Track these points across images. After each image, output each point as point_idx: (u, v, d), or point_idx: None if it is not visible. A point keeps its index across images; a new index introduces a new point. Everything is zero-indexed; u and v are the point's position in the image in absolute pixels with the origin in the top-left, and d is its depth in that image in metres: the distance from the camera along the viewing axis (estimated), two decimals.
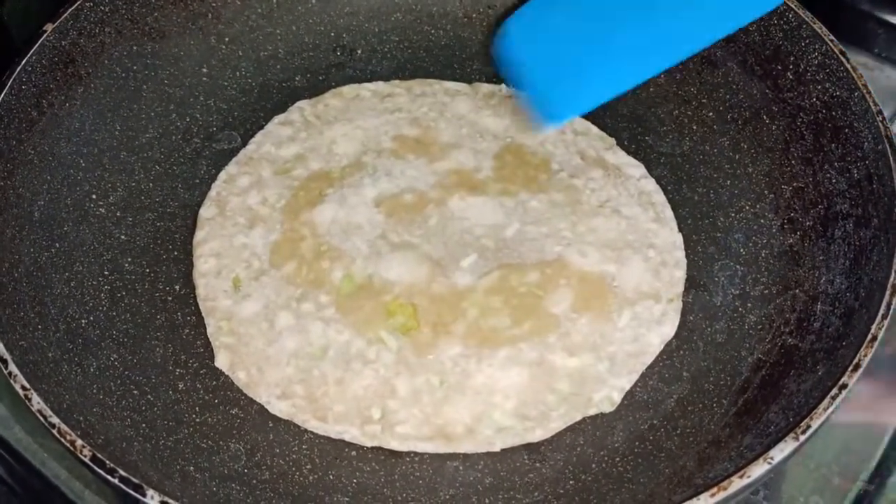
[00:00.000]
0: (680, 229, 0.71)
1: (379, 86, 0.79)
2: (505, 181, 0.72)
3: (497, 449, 0.61)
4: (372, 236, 0.69)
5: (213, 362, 0.65)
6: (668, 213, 0.71)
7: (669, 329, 0.65)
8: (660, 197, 0.72)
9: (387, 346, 0.64)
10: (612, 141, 0.75)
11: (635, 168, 0.74)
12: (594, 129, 0.76)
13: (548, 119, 0.64)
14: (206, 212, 0.72)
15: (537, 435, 0.61)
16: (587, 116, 0.77)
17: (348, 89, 0.79)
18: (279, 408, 0.63)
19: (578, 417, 0.62)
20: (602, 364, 0.64)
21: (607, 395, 0.63)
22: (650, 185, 0.73)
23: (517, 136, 0.75)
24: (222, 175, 0.73)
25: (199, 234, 0.70)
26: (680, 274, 0.68)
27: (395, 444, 0.61)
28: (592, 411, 0.62)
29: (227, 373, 0.64)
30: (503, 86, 0.79)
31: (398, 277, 0.67)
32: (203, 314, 0.67)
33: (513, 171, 0.73)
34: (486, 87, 0.79)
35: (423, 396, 0.63)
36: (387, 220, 0.70)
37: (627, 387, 0.63)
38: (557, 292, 0.66)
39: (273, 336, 0.65)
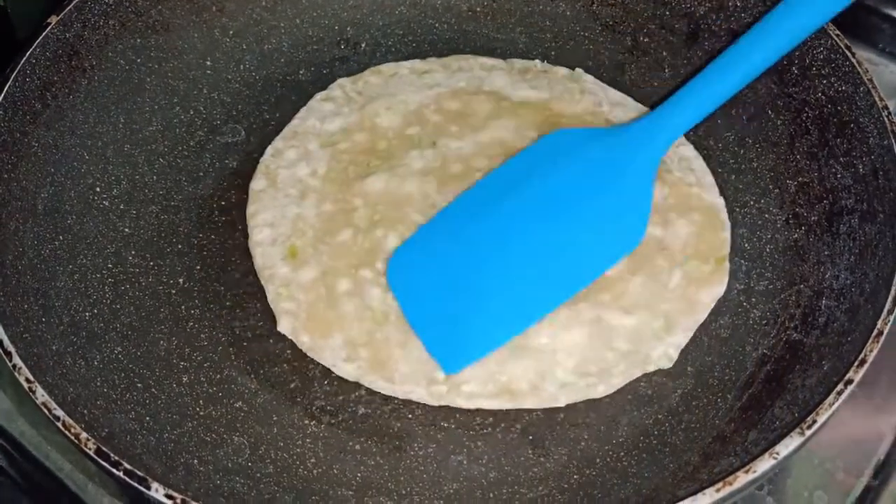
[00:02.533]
0: None
1: (416, 63, 0.79)
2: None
3: (562, 404, 0.62)
4: (424, 205, 0.70)
5: (217, 356, 0.65)
6: (709, 178, 0.72)
7: (719, 288, 0.67)
8: (699, 163, 0.73)
9: None
10: (647, 110, 0.75)
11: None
12: (630, 100, 0.77)
13: (446, 368, 0.64)
14: (256, 184, 0.73)
15: (599, 391, 0.63)
16: (623, 90, 0.77)
17: (386, 67, 0.79)
18: (346, 370, 0.64)
19: (638, 374, 0.64)
20: (657, 322, 0.65)
21: (664, 352, 0.64)
22: (689, 151, 0.73)
23: (555, 108, 0.75)
24: (269, 150, 0.75)
25: (252, 207, 0.72)
26: (725, 235, 0.69)
27: (461, 402, 0.63)
28: (651, 368, 0.64)
29: (290, 337, 0.65)
30: (537, 61, 0.79)
31: None
32: (262, 282, 0.68)
33: (529, 129, 0.74)
34: (520, 63, 0.79)
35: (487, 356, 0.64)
36: (437, 189, 0.71)
37: (683, 343, 0.64)
38: None
39: (333, 301, 0.66)
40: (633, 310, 0.65)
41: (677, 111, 0.69)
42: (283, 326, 0.66)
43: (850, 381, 0.53)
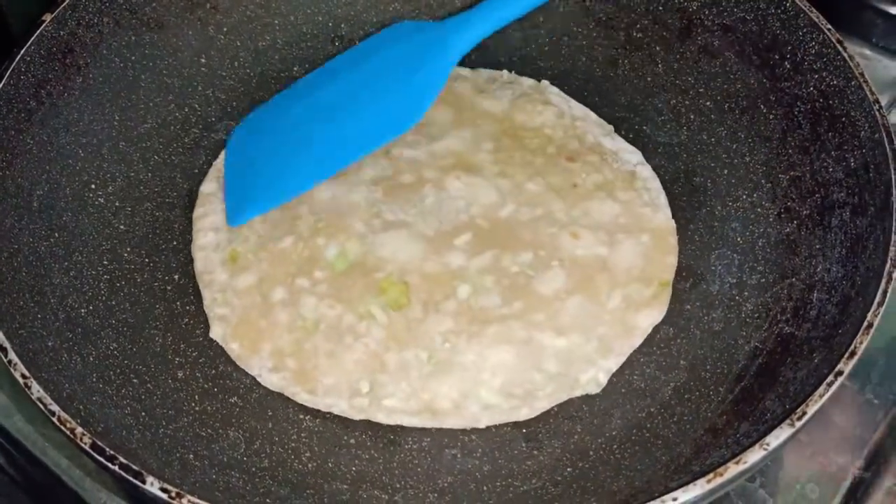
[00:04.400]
0: (676, 218, 0.71)
1: None
2: (502, 163, 0.73)
3: (482, 426, 0.62)
4: (368, 215, 0.70)
5: (212, 351, 0.65)
6: (663, 199, 0.72)
7: (658, 313, 0.66)
8: (655, 183, 0.73)
9: (377, 322, 0.65)
10: (611, 128, 0.76)
11: (632, 154, 0.74)
12: (592, 115, 0.77)
13: (229, 220, 0.70)
14: (206, 187, 0.73)
15: (523, 413, 0.62)
16: (586, 103, 0.77)
17: None
18: (270, 380, 0.64)
19: (565, 397, 0.63)
20: (590, 345, 0.64)
21: (594, 377, 0.63)
22: (646, 171, 0.73)
23: (515, 119, 0.76)
24: (223, 153, 0.75)
25: (199, 210, 0.72)
26: (672, 260, 0.69)
27: (381, 417, 0.62)
28: (579, 392, 0.63)
29: (220, 343, 0.65)
30: (504, 71, 0.79)
31: (392, 255, 0.68)
32: (200, 287, 0.68)
33: (510, 153, 0.73)
34: (486, 73, 0.79)
35: (411, 371, 0.63)
36: (384, 199, 0.71)
37: (614, 368, 0.64)
38: (549, 273, 0.67)
39: (266, 309, 0.66)
40: (567, 331, 0.65)
41: (475, 23, 0.72)
42: (215, 332, 0.66)
43: (840, 373, 0.53)
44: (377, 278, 0.67)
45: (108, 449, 0.51)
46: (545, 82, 0.79)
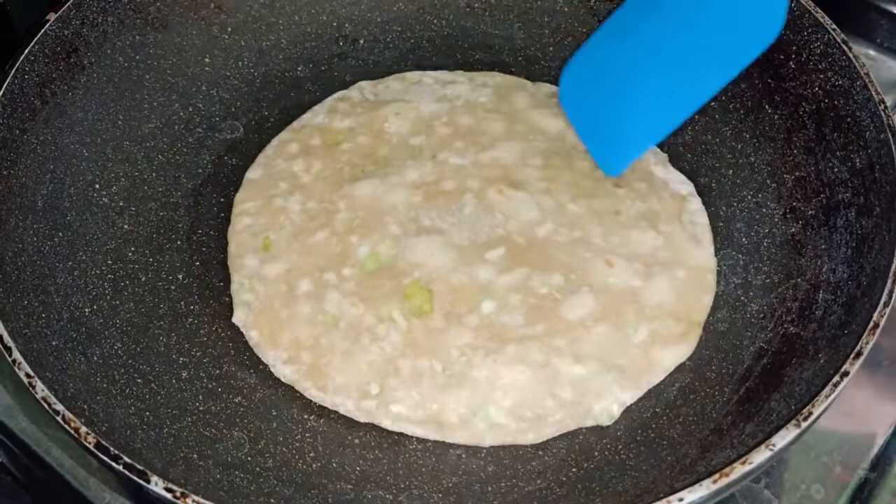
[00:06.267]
0: None
1: (443, 74, 0.79)
2: (548, 181, 0.71)
3: (486, 445, 0.61)
4: (405, 218, 0.69)
5: (217, 351, 0.65)
6: (708, 235, 0.69)
7: (685, 350, 0.64)
8: (702, 218, 0.70)
9: (397, 326, 0.65)
10: (665, 156, 0.74)
11: (683, 185, 0.72)
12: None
13: (607, 170, 0.68)
14: (252, 173, 0.73)
15: (528, 438, 0.61)
16: None
17: (412, 74, 0.79)
18: (283, 372, 0.64)
19: (573, 427, 0.61)
20: (609, 375, 0.63)
21: (607, 408, 0.62)
22: (695, 204, 0.71)
23: (569, 139, 0.74)
24: (275, 140, 0.75)
25: (241, 194, 0.72)
26: (707, 299, 0.66)
27: (387, 423, 0.62)
28: (590, 422, 0.62)
29: (241, 329, 0.66)
30: None
31: (422, 261, 0.67)
32: (230, 270, 0.68)
33: (558, 172, 0.72)
34: (546, 87, 0.78)
35: (423, 380, 0.63)
36: (423, 204, 0.70)
37: (629, 402, 0.62)
38: (577, 298, 0.65)
39: (290, 300, 0.66)
40: (586, 359, 0.63)
41: None
42: (238, 318, 0.66)
43: (846, 374, 0.53)
44: (404, 283, 0.66)
45: (112, 448, 0.51)
46: None
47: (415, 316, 0.65)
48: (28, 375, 0.53)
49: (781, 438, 0.51)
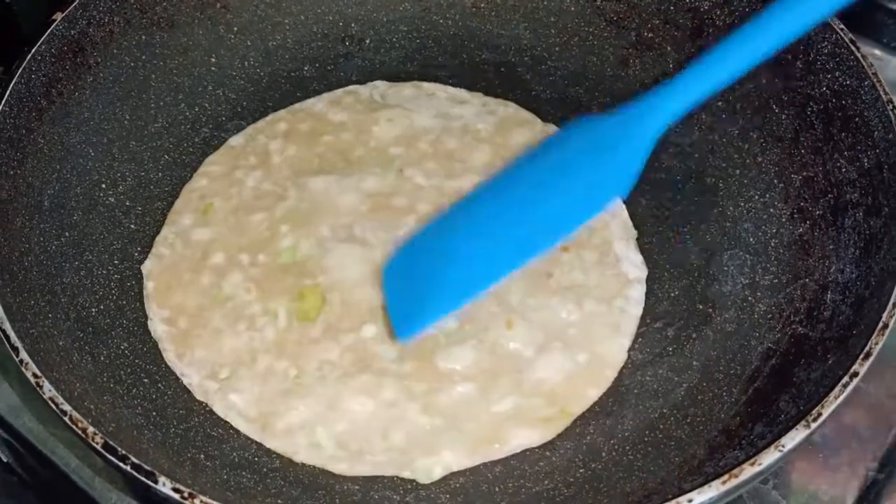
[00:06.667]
0: (689, 219, 0.71)
1: (460, 92, 0.78)
2: None
3: (297, 460, 0.60)
4: (340, 222, 0.69)
5: None
6: (632, 328, 0.65)
7: (539, 437, 0.61)
8: (636, 309, 0.66)
9: (276, 323, 0.65)
10: (635, 233, 0.70)
11: (635, 269, 0.68)
12: (626, 213, 0.71)
13: (399, 333, 0.62)
14: (234, 140, 0.74)
15: (340, 468, 0.60)
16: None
17: (430, 86, 0.78)
18: (154, 327, 0.65)
19: (388, 473, 0.59)
20: (447, 435, 0.60)
21: (429, 467, 0.60)
22: (637, 292, 0.67)
23: None
24: (270, 116, 0.76)
25: (214, 156, 0.73)
26: (593, 394, 0.62)
27: (218, 409, 0.62)
28: (406, 474, 0.59)
29: (144, 275, 0.67)
30: None
31: (332, 267, 0.67)
32: (166, 221, 0.69)
33: None
34: (553, 129, 0.76)
35: (272, 380, 0.63)
36: (366, 213, 0.70)
37: (454, 469, 0.60)
38: (458, 349, 0.63)
39: (198, 267, 0.68)
40: (434, 412, 0.61)
41: (676, 93, 0.59)
42: (146, 265, 0.68)
43: (855, 374, 0.53)
44: (304, 284, 0.66)
45: (120, 449, 0.51)
46: None
47: (298, 319, 0.65)
48: (35, 375, 0.53)
49: (791, 439, 0.50)
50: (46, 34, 0.67)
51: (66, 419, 0.52)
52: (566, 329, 0.64)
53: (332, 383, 0.62)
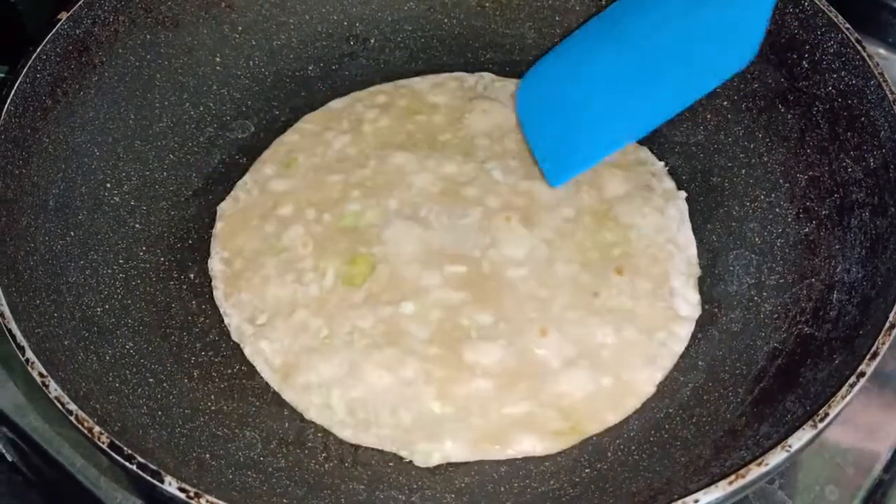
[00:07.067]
0: (694, 218, 0.71)
1: None
2: (560, 234, 0.68)
3: (307, 417, 0.62)
4: (410, 199, 0.70)
5: (228, 351, 0.65)
6: (668, 363, 0.64)
7: (544, 448, 0.60)
8: (678, 346, 0.64)
9: (322, 282, 0.66)
10: (698, 272, 0.68)
11: (689, 308, 0.66)
12: (694, 248, 0.69)
13: (551, 179, 0.64)
14: (335, 103, 0.77)
15: (344, 434, 0.61)
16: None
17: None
18: (213, 265, 0.68)
19: (387, 448, 0.60)
20: (453, 424, 0.61)
21: (428, 452, 0.60)
22: (684, 329, 0.65)
23: (618, 207, 0.70)
24: (374, 87, 0.78)
25: (313, 115, 0.76)
26: (611, 419, 0.61)
27: (247, 350, 0.65)
28: (404, 454, 0.60)
29: (217, 215, 0.71)
30: (661, 163, 0.74)
31: (390, 240, 0.68)
32: (248, 174, 0.73)
33: (577, 230, 0.68)
34: (646, 154, 0.74)
35: (303, 335, 0.64)
36: (435, 196, 0.71)
37: (452, 459, 0.60)
38: (488, 345, 0.63)
39: (267, 215, 0.70)
40: (448, 401, 0.61)
41: None
42: (222, 206, 0.71)
43: (862, 374, 0.53)
44: (359, 250, 0.68)
45: (126, 448, 0.51)
46: (683, 194, 0.72)
47: (343, 282, 0.66)
48: (41, 375, 0.53)
49: (798, 440, 0.50)
50: (51, 34, 0.67)
51: (72, 418, 0.52)
52: (599, 350, 0.63)
53: (358, 351, 0.63)
